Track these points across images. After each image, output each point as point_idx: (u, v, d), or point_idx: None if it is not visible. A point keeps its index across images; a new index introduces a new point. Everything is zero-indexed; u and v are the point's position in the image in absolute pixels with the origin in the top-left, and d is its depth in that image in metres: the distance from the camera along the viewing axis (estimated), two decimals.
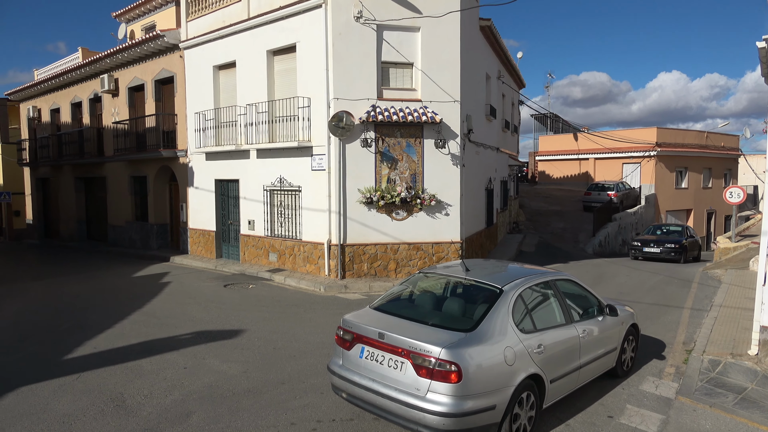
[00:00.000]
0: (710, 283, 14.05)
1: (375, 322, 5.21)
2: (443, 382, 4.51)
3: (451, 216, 13.26)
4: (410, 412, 4.61)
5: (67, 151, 23.11)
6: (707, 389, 6.40)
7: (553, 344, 5.41)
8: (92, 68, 20.61)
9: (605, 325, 6.36)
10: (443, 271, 6.23)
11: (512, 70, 22.31)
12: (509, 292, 5.32)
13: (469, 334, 4.83)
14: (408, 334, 4.85)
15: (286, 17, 13.53)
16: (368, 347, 5.08)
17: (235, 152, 15.20)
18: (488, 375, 4.70)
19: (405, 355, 4.74)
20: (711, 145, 34.08)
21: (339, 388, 5.32)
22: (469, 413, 4.53)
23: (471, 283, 5.69)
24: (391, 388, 4.77)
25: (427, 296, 5.85)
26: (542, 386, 5.23)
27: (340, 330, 5.39)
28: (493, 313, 5.06)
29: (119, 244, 20.80)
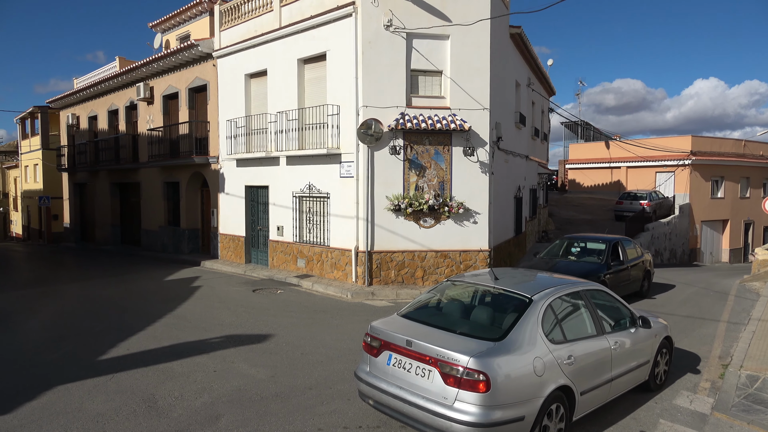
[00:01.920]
0: (748, 296, 13.61)
1: (403, 330, 5.19)
2: (471, 392, 4.45)
3: (479, 224, 13.18)
4: (437, 421, 4.56)
5: (104, 157, 23.80)
6: (745, 405, 6.19)
7: (584, 356, 5.30)
8: (128, 77, 21.21)
9: (638, 337, 6.21)
10: (471, 280, 6.18)
11: (542, 78, 22.13)
12: (539, 301, 5.25)
13: (497, 344, 4.77)
14: (436, 342, 4.81)
15: (317, 26, 13.71)
16: (396, 354, 5.06)
17: (265, 159, 15.42)
18: (517, 385, 4.62)
19: (433, 363, 4.71)
20: (749, 153, 33.10)
21: (366, 394, 5.31)
22: (497, 424, 4.47)
23: (500, 292, 5.63)
24: (419, 396, 4.73)
25: (455, 304, 5.83)
26: (572, 398, 5.13)
27: (367, 337, 5.40)
28: (522, 322, 5.00)
29: (152, 248, 21.26)
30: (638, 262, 12.76)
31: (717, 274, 20.60)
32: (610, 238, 12.61)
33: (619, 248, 12.29)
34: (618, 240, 12.57)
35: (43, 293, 12.89)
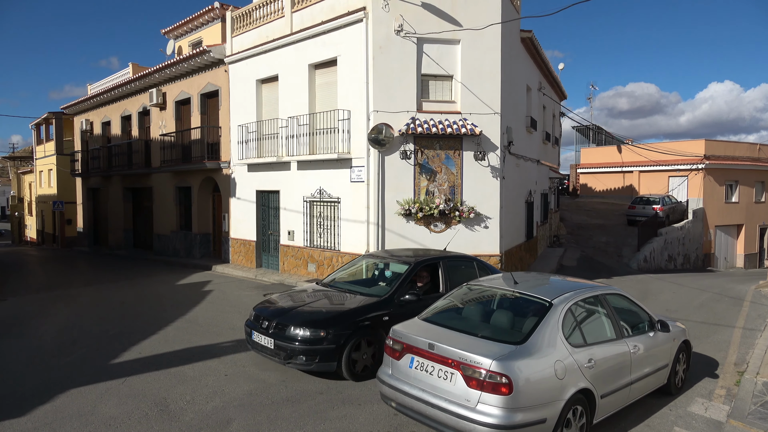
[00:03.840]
0: (763, 302, 13.43)
1: (424, 333, 5.27)
2: (494, 394, 4.52)
3: (490, 228, 13.13)
4: (460, 423, 4.63)
5: (117, 163, 24.04)
6: (761, 413, 6.09)
7: (604, 359, 5.33)
8: (141, 83, 21.43)
9: (656, 341, 6.22)
10: (490, 284, 6.25)
11: (553, 82, 22.05)
12: (559, 305, 5.29)
13: (519, 347, 4.82)
14: (458, 346, 4.88)
15: (328, 32, 13.77)
16: (418, 357, 5.14)
17: (276, 164, 15.49)
18: (538, 388, 4.67)
19: (455, 366, 4.78)
20: (764, 157, 32.68)
21: (388, 397, 5.38)
22: (519, 426, 4.52)
23: (519, 295, 5.71)
24: (441, 399, 4.80)
25: (474, 308, 5.92)
26: (593, 401, 5.15)
27: (389, 340, 5.50)
28: (543, 326, 5.05)
29: (164, 252, 21.41)
30: None
31: (731, 280, 20.35)
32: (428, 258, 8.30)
33: (440, 271, 8.18)
34: (437, 260, 8.27)
35: (57, 297, 13.01)
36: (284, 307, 7.42)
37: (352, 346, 6.82)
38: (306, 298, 7.80)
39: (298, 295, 8.08)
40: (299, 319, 6.92)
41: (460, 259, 8.83)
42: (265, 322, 7.19)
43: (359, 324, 6.94)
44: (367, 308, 7.20)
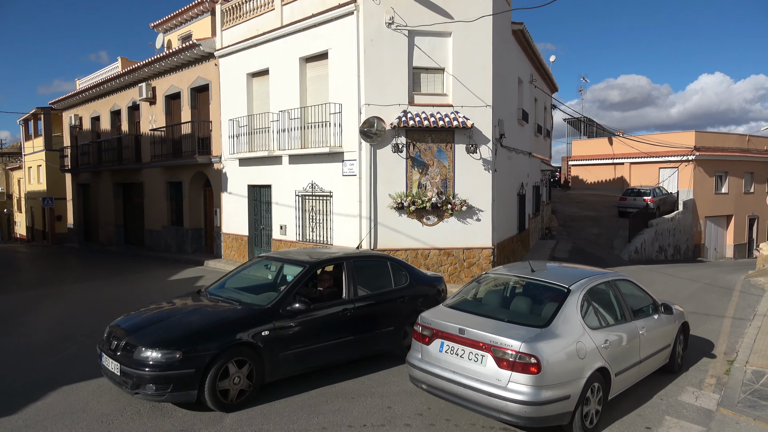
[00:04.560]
0: (753, 292, 13.57)
1: (453, 319, 5.61)
2: (523, 373, 4.88)
3: (482, 221, 13.15)
4: (492, 401, 4.98)
5: (107, 158, 23.85)
6: (751, 401, 6.16)
7: (617, 340, 5.74)
8: (131, 77, 21.23)
9: (661, 322, 6.71)
10: (508, 272, 6.67)
11: (545, 74, 22.06)
12: (576, 291, 5.69)
13: (544, 330, 5.20)
14: (488, 330, 5.23)
15: (318, 24, 13.68)
16: (448, 342, 5.47)
17: (267, 158, 15.42)
18: (563, 367, 5.05)
19: (486, 349, 5.13)
20: (753, 148, 32.94)
21: (418, 379, 5.68)
22: (547, 402, 4.89)
23: (538, 282, 6.09)
24: (472, 379, 5.14)
25: (496, 295, 6.36)
26: (608, 379, 5.55)
27: (418, 326, 5.83)
28: (563, 310, 5.44)
29: (155, 248, 21.30)
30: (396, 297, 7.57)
31: (721, 270, 20.55)
32: (328, 259, 7.34)
33: (343, 274, 7.11)
34: (340, 261, 7.28)
35: (48, 294, 12.92)
36: (141, 321, 6.22)
37: (219, 370, 5.58)
38: (176, 310, 6.49)
39: (172, 305, 6.80)
40: (151, 337, 5.69)
41: (369, 259, 7.81)
42: (114, 341, 5.89)
43: (229, 341, 5.71)
44: (241, 322, 5.98)
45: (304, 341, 6.36)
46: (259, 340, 5.94)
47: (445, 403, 6.02)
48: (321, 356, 6.59)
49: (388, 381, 6.74)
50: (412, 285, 7.80)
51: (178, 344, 5.51)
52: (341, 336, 6.73)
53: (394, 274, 7.68)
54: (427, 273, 8.48)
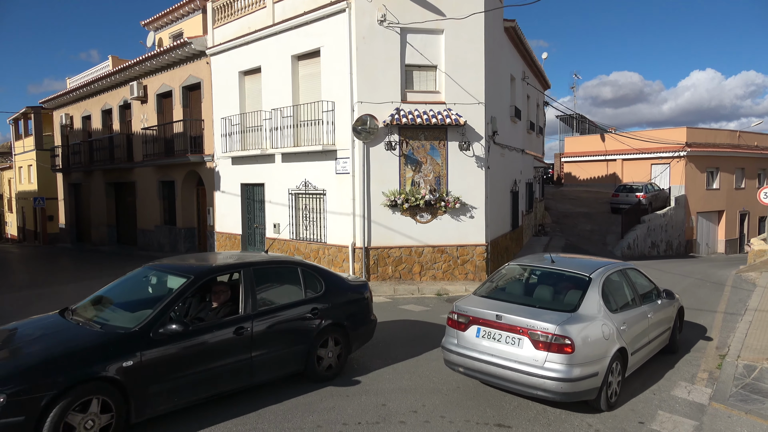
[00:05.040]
0: (744, 286, 13.67)
1: (488, 306, 6.07)
2: (559, 353, 5.37)
3: (475, 218, 13.17)
4: (530, 379, 5.46)
5: (98, 157, 23.71)
6: (742, 395, 6.22)
7: (632, 322, 6.32)
8: (122, 76, 21.10)
9: (663, 306, 7.34)
10: (530, 263, 7.14)
11: (537, 71, 22.10)
12: (596, 279, 6.24)
13: (573, 314, 5.71)
14: (523, 315, 5.70)
15: (310, 22, 13.64)
16: (484, 328, 5.92)
17: (260, 156, 15.37)
18: (591, 347, 5.55)
19: (523, 333, 5.59)
20: (744, 144, 33.16)
21: (455, 363, 6.12)
22: (580, 378, 5.40)
23: (560, 272, 6.60)
24: (510, 361, 5.60)
25: (521, 284, 6.83)
26: (626, 358, 6.09)
27: (453, 314, 6.24)
28: (588, 296, 5.98)
29: (148, 248, 21.20)
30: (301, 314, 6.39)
31: (713, 265, 20.69)
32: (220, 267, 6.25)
33: (240, 286, 6.02)
34: (237, 269, 6.20)
35: (40, 295, 12.83)
36: None
37: (64, 415, 4.43)
38: (16, 337, 5.38)
39: (14, 330, 5.64)
40: None
41: (275, 266, 6.68)
42: None
43: (77, 377, 4.56)
44: (98, 350, 4.85)
45: (185, 370, 5.24)
46: (121, 372, 4.79)
47: (440, 400, 6.04)
48: (207, 386, 5.47)
49: (385, 378, 6.74)
50: (328, 294, 6.73)
51: (3, 384, 4.30)
52: (235, 360, 5.65)
53: (306, 282, 6.63)
54: (348, 279, 7.45)
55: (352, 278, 7.72)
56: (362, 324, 7.12)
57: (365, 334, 7.24)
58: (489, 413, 5.74)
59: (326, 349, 6.57)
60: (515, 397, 6.17)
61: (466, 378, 6.71)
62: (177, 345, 5.22)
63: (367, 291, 7.43)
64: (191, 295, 5.75)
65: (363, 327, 7.15)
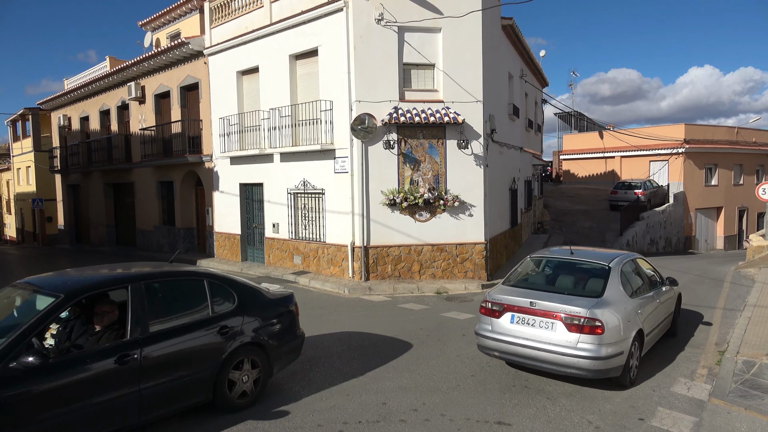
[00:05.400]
0: (743, 283, 13.69)
1: (519, 295, 6.58)
2: (590, 335, 5.95)
3: (474, 217, 13.18)
4: (564, 359, 6.03)
5: (96, 158, 23.68)
6: (742, 391, 6.23)
7: (646, 307, 6.93)
8: (119, 76, 21.07)
9: (667, 292, 7.95)
10: (551, 255, 7.69)
11: (535, 69, 22.11)
12: (615, 267, 6.84)
13: (600, 299, 6.28)
14: (555, 301, 6.25)
15: (308, 22, 13.63)
16: (518, 314, 6.44)
17: (259, 156, 15.37)
18: (617, 329, 6.11)
19: (556, 318, 6.14)
20: (742, 141, 33.20)
21: (490, 348, 6.66)
22: (608, 357, 5.97)
23: (580, 262, 7.18)
24: (545, 343, 6.14)
25: (547, 273, 7.31)
26: (643, 338, 6.69)
27: (487, 303, 6.74)
28: (610, 283, 6.57)
29: (147, 248, 21.19)
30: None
31: (712, 262, 20.73)
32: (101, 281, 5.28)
33: (129, 305, 5.05)
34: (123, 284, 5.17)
35: None
36: None
37: None
38: None
39: None
40: None
41: (175, 278, 5.71)
42: None
43: None
44: None
45: (49, 411, 4.29)
46: None
47: (440, 398, 6.05)
48: (81, 430, 4.52)
49: (383, 377, 6.75)
50: (243, 310, 5.84)
51: None
52: (118, 395, 4.67)
53: (214, 297, 5.70)
54: (266, 292, 6.39)
55: (274, 289, 6.79)
56: (286, 342, 6.23)
57: (290, 353, 6.36)
58: (489, 411, 5.76)
59: (240, 372, 5.67)
60: (515, 394, 6.19)
61: (466, 377, 6.73)
62: (37, 381, 4.23)
63: (292, 304, 6.56)
64: (71, 317, 4.95)
65: (287, 345, 6.25)
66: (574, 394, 6.21)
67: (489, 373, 6.89)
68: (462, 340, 8.36)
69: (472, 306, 10.87)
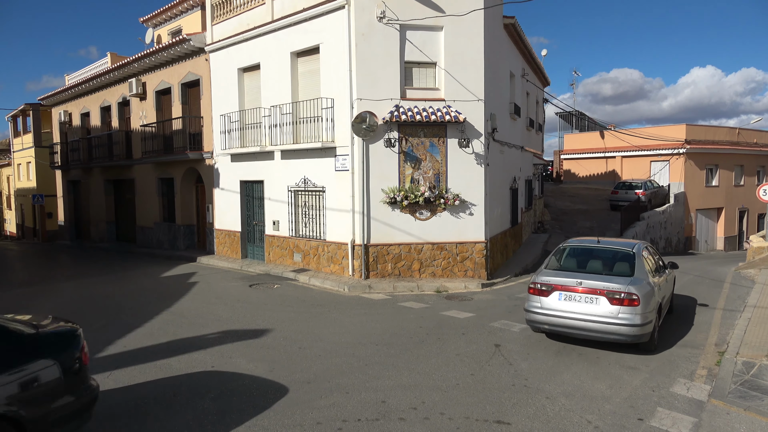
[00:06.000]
0: (743, 283, 13.68)
1: (565, 276, 7.83)
2: (629, 306, 7.27)
3: (475, 216, 13.17)
4: (608, 327, 7.33)
5: (97, 154, 23.65)
6: (741, 392, 6.23)
7: (661, 285, 8.29)
8: (120, 73, 21.05)
9: (670, 275, 9.48)
10: (581, 243, 8.94)
11: (537, 68, 22.08)
12: (638, 252, 8.26)
13: (632, 278, 7.61)
14: (598, 280, 7.58)
15: (309, 19, 13.61)
16: (565, 292, 7.69)
17: (259, 153, 15.35)
18: (647, 301, 7.39)
19: (600, 293, 7.43)
20: (743, 141, 33.16)
21: (540, 322, 7.90)
22: (642, 324, 7.28)
23: (608, 248, 8.52)
24: (590, 315, 7.45)
25: (581, 258, 8.49)
26: (661, 310, 8.10)
27: (536, 284, 7.93)
28: (637, 265, 7.91)
29: (147, 245, 21.19)
30: None
31: (712, 262, 20.72)
32: None
33: None
34: None
35: (39, 291, 12.83)
36: None
37: None
38: None
39: None
40: None
41: None
42: None
43: None
44: None
45: None
46: None
47: (439, 397, 6.05)
48: None
49: (383, 376, 6.75)
50: None
51: None
52: None
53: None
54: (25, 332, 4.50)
55: (46, 324, 4.86)
56: (59, 408, 4.36)
57: (68, 421, 4.46)
58: (488, 410, 5.75)
59: None
60: (514, 394, 6.18)
61: (466, 375, 6.73)
62: None
63: (76, 349, 4.68)
64: None
65: (60, 412, 4.37)
66: (574, 394, 6.21)
67: (488, 372, 6.89)
68: (462, 339, 8.36)
69: (472, 305, 10.87)
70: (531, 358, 7.46)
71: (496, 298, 11.59)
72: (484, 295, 11.91)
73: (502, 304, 11.01)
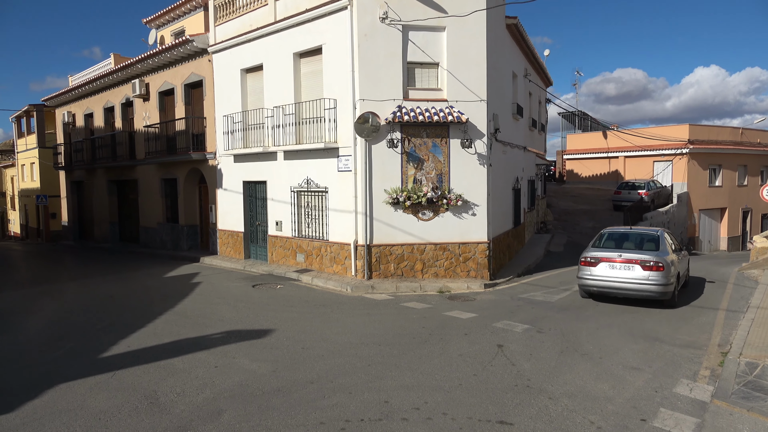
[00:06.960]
0: (746, 284, 13.65)
1: (608, 251, 10.75)
2: (657, 271, 10.15)
3: (477, 216, 13.18)
4: (641, 287, 10.26)
5: (100, 155, 23.73)
6: (744, 392, 6.22)
7: (679, 259, 11.13)
8: (124, 74, 21.11)
9: (685, 254, 12.32)
10: (617, 229, 12.03)
11: (539, 68, 22.07)
12: (661, 234, 11.29)
13: (658, 252, 10.49)
14: (633, 253, 10.46)
15: (312, 20, 13.64)
16: (608, 263, 10.57)
17: (262, 154, 15.39)
18: (669, 269, 10.25)
19: (635, 262, 10.28)
20: (746, 141, 33.08)
21: (590, 286, 10.84)
22: (666, 285, 10.17)
23: (638, 232, 11.60)
24: (628, 279, 10.36)
25: (618, 239, 11.51)
26: (679, 278, 11.10)
27: (587, 258, 10.88)
28: (661, 242, 10.90)
29: (151, 245, 21.25)
30: None
31: (715, 262, 20.66)
32: None
33: None
34: None
35: (43, 292, 12.88)
36: None
37: None
38: None
39: None
40: None
41: None
42: None
43: None
44: None
45: None
46: None
47: (442, 397, 6.06)
48: None
49: (385, 376, 6.76)
50: None
51: None
52: None
53: None
54: None
55: None
56: None
57: None
58: (491, 410, 5.76)
59: None
60: (517, 394, 6.19)
61: (469, 376, 6.74)
62: None
63: None
64: None
65: None
66: (576, 394, 6.22)
67: (491, 373, 6.89)
68: (464, 339, 8.36)
69: (475, 305, 10.88)
70: (533, 359, 7.46)
71: (498, 299, 11.60)
72: (487, 296, 11.91)
73: (504, 304, 11.02)
